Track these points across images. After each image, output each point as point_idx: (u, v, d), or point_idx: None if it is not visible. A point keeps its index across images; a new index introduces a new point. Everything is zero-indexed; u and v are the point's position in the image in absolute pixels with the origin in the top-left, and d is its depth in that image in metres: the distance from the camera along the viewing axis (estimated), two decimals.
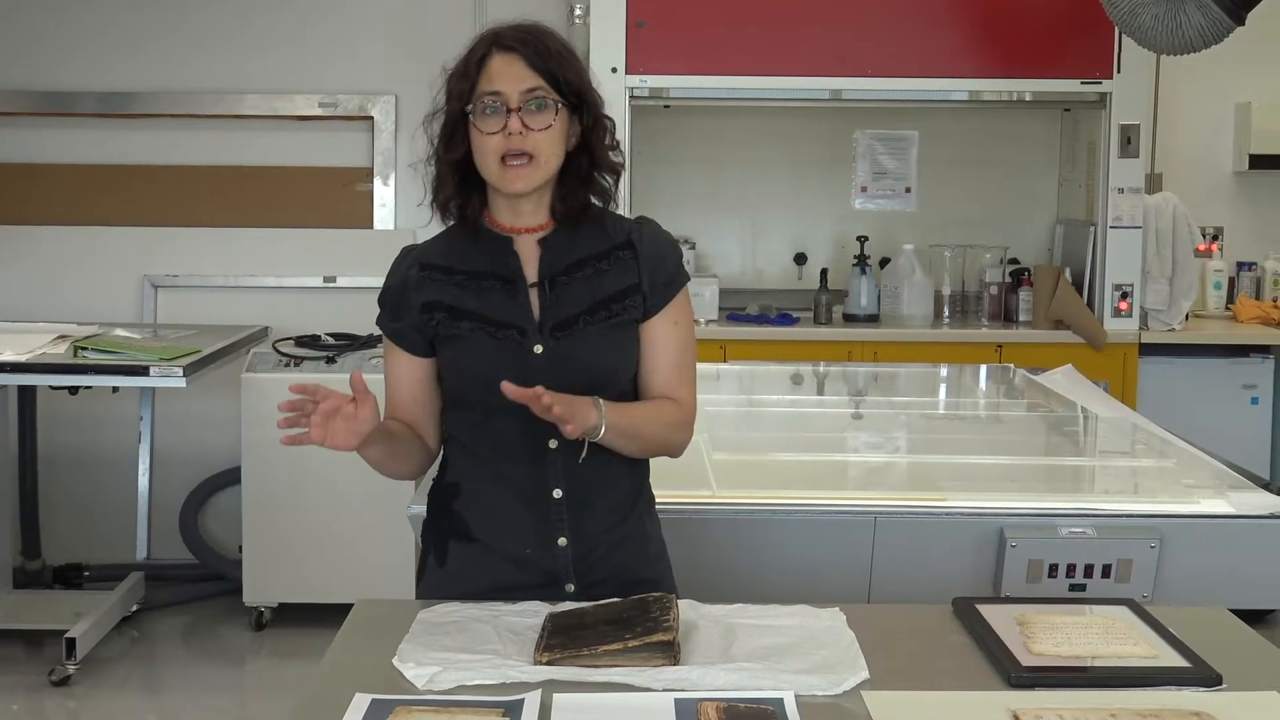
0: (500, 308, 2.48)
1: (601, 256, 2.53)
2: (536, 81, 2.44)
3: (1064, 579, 2.99)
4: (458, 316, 2.49)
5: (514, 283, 2.50)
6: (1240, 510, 3.09)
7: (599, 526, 2.52)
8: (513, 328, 2.47)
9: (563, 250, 2.52)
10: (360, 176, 6.38)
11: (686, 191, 6.41)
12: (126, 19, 6.29)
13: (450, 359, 2.51)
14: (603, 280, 2.51)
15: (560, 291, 2.49)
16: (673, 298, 2.56)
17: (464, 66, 2.48)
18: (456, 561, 2.55)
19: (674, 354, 2.55)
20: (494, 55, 2.46)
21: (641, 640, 2.14)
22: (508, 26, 2.50)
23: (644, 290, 2.52)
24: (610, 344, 2.51)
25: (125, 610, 5.56)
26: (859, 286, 6.10)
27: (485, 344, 2.47)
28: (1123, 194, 5.83)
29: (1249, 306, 6.27)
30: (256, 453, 5.48)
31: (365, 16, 6.33)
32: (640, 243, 2.55)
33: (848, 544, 3.05)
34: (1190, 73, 6.23)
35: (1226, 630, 2.40)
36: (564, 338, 2.47)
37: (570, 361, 2.45)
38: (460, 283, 2.51)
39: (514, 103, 2.42)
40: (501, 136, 2.42)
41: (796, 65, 5.76)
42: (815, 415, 4.54)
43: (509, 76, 2.44)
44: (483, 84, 2.44)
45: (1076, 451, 4.06)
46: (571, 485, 2.49)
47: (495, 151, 2.43)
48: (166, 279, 6.26)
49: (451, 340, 2.50)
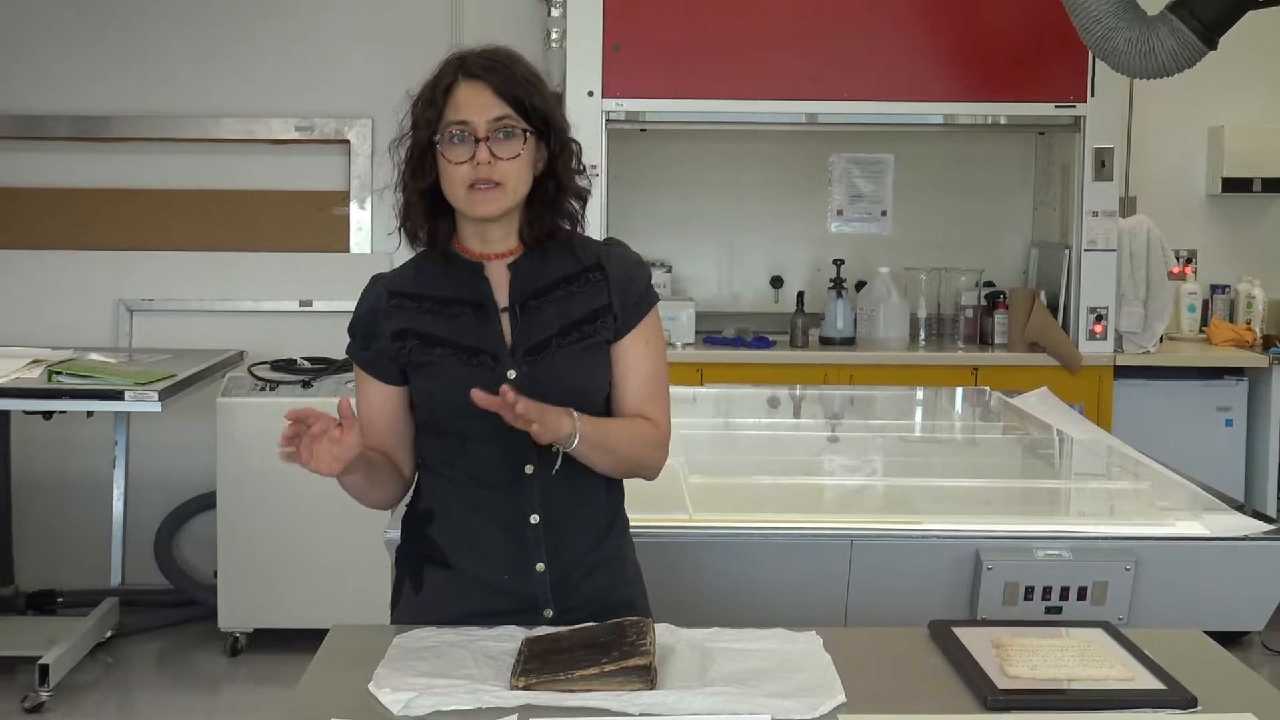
0: (472, 334, 2.48)
1: (571, 279, 2.53)
2: (504, 110, 2.44)
3: (1040, 601, 3.00)
4: (429, 344, 2.48)
5: (485, 308, 2.50)
6: (1215, 533, 3.10)
7: (576, 551, 2.51)
8: (485, 353, 2.47)
9: (532, 274, 2.52)
10: (336, 200, 6.37)
11: (663, 215, 6.42)
12: (101, 42, 6.28)
13: (423, 386, 2.50)
14: (573, 302, 2.52)
15: (531, 315, 2.50)
16: (643, 317, 2.56)
17: (430, 94, 2.47)
18: (432, 588, 2.55)
19: (647, 373, 2.55)
20: (460, 83, 2.45)
21: (618, 664, 2.14)
22: (474, 53, 2.49)
23: (615, 311, 2.52)
24: (583, 366, 2.51)
25: (99, 636, 5.53)
26: (835, 310, 6.12)
27: (458, 370, 2.46)
28: (1097, 217, 5.85)
29: (1223, 329, 6.30)
30: (232, 477, 5.47)
31: (342, 40, 6.34)
32: (609, 264, 2.55)
33: (824, 567, 3.05)
34: (1163, 96, 6.27)
35: (1201, 652, 2.41)
36: (537, 361, 2.47)
37: (545, 385, 2.45)
38: (431, 310, 2.50)
39: (481, 132, 2.42)
40: (470, 166, 2.42)
41: (772, 89, 5.78)
42: (792, 438, 4.54)
43: (476, 105, 2.43)
44: (449, 113, 2.44)
45: (1052, 474, 4.07)
46: (549, 510, 2.48)
47: (463, 180, 2.43)
48: (142, 303, 6.24)
49: (424, 368, 2.49)
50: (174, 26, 6.30)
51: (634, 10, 5.71)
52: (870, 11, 5.78)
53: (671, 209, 6.43)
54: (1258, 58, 5.95)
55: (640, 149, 6.25)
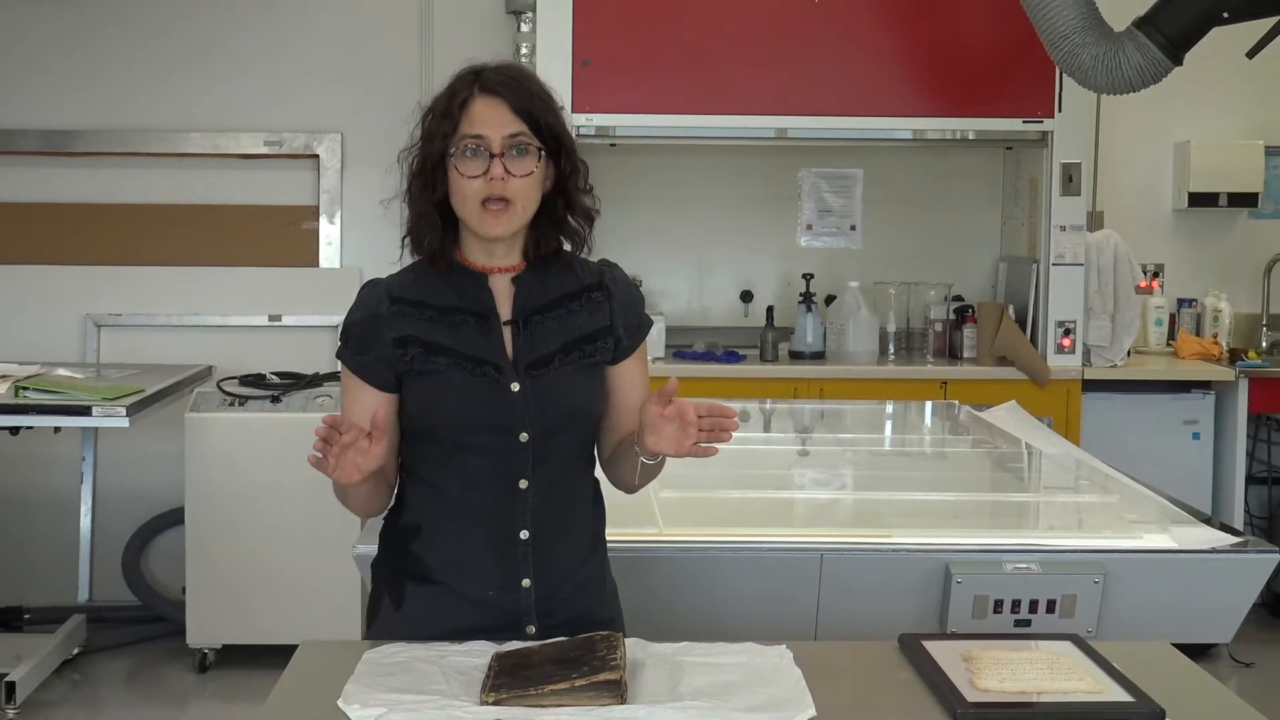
0: (475, 344, 2.47)
1: (573, 297, 2.54)
2: (519, 126, 2.43)
3: (1009, 614, 3.00)
4: (433, 352, 2.46)
5: (488, 319, 2.49)
6: (1183, 545, 3.12)
7: (562, 568, 2.51)
8: (489, 364, 2.46)
9: (536, 289, 2.52)
10: (306, 215, 6.36)
11: (633, 229, 6.42)
12: (69, 57, 6.26)
13: (423, 394, 2.48)
14: (575, 320, 2.53)
15: (534, 330, 2.50)
16: (642, 340, 2.61)
17: (445, 106, 2.46)
18: (415, 603, 2.52)
19: (641, 397, 2.56)
20: (477, 97, 2.44)
21: (588, 679, 2.13)
22: (490, 68, 2.49)
23: (617, 334, 2.55)
24: (584, 384, 2.52)
25: (66, 653, 5.49)
26: (805, 324, 6.13)
27: (461, 380, 2.45)
28: (1065, 231, 5.88)
29: (1190, 343, 6.33)
30: (200, 493, 5.44)
31: (311, 55, 6.33)
32: (613, 285, 2.58)
33: (794, 581, 3.05)
34: (1130, 112, 6.31)
35: (1170, 665, 2.42)
36: (540, 376, 2.47)
37: (546, 400, 2.46)
38: (432, 318, 2.49)
39: (496, 148, 2.42)
40: (483, 181, 2.41)
41: (742, 104, 5.80)
42: (762, 452, 4.54)
43: (492, 120, 2.43)
44: (465, 126, 2.43)
45: (1021, 487, 4.08)
46: (539, 526, 2.48)
47: (475, 195, 2.42)
48: (110, 318, 6.22)
49: (425, 375, 2.47)
50: (142, 41, 6.28)
51: (604, 25, 5.72)
52: (838, 27, 5.80)
53: (641, 223, 6.42)
54: (1223, 74, 5.99)
55: (610, 163, 6.25)
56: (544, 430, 2.45)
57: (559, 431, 2.48)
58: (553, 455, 2.49)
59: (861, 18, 5.82)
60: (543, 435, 2.46)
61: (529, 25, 5.97)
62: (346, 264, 6.28)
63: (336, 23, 6.34)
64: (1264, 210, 6.60)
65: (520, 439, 2.45)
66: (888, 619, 2.87)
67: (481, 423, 2.43)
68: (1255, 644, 5.69)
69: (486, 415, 2.43)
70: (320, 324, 6.03)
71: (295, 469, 5.16)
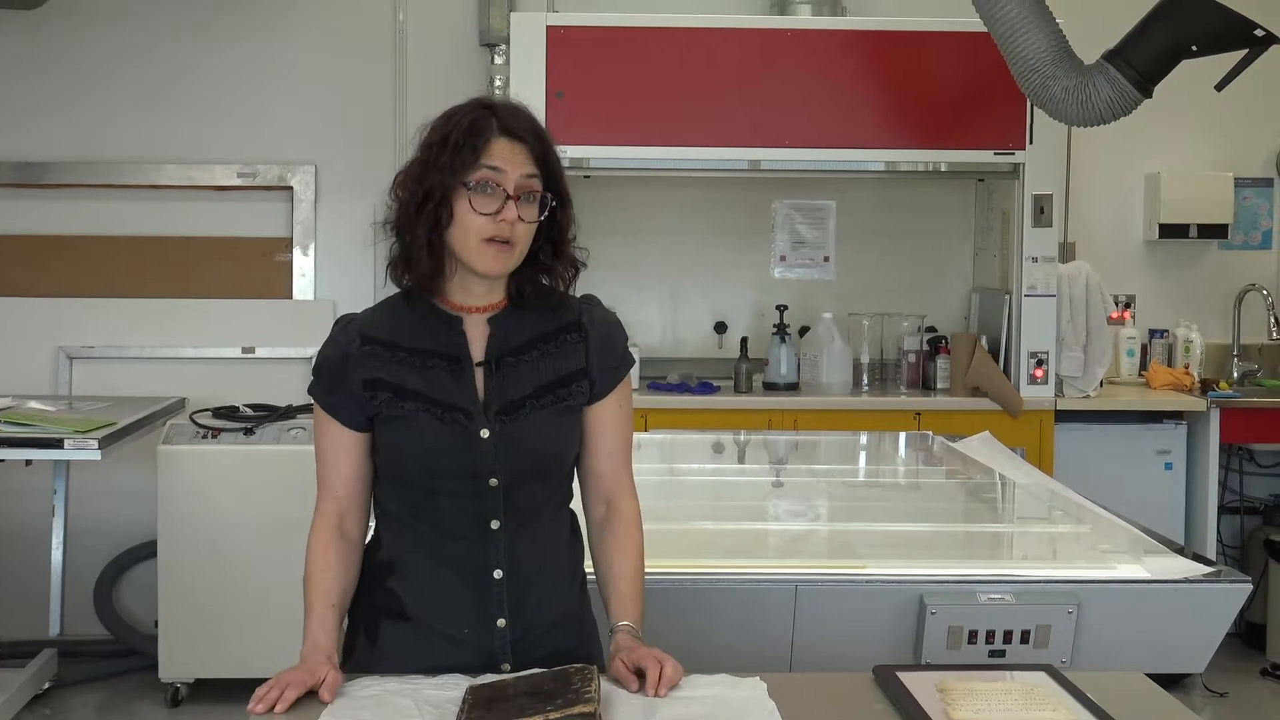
0: (445, 389, 2.45)
1: (549, 338, 2.51)
2: (535, 172, 2.43)
3: (984, 645, 3.00)
4: (402, 396, 2.44)
5: (460, 362, 2.47)
6: (1156, 575, 3.12)
7: (538, 608, 2.49)
8: (459, 410, 2.43)
9: (511, 330, 2.50)
10: (279, 247, 6.35)
11: (607, 261, 6.38)
12: (42, 88, 6.25)
13: (392, 439, 2.47)
14: (549, 363, 2.50)
15: (506, 373, 2.47)
16: (620, 381, 2.57)
17: (461, 140, 2.40)
18: (390, 640, 2.51)
19: (620, 437, 2.56)
20: (499, 138, 2.41)
21: (562, 712, 2.12)
22: (504, 107, 2.46)
23: (591, 376, 2.52)
24: (556, 428, 2.50)
25: (37, 688, 5.46)
26: (779, 355, 6.14)
27: (430, 426, 2.43)
28: (1036, 263, 5.91)
29: (1161, 373, 6.37)
30: (173, 526, 5.41)
31: (284, 86, 6.33)
32: (591, 325, 2.55)
33: (769, 613, 3.05)
34: (1101, 144, 6.35)
35: (1143, 695, 2.42)
36: (510, 421, 2.45)
37: (517, 445, 2.44)
38: (403, 360, 2.46)
39: (513, 190, 2.40)
40: (492, 220, 2.39)
41: (715, 136, 5.82)
42: (736, 484, 4.54)
43: (514, 161, 2.41)
44: (485, 161, 2.40)
45: (995, 518, 4.09)
46: (512, 566, 2.46)
47: (480, 232, 2.40)
48: (82, 350, 6.19)
49: (395, 420, 2.45)
50: (115, 73, 6.28)
51: (577, 58, 5.74)
52: (811, 60, 5.83)
53: (615, 255, 6.43)
54: (1193, 106, 6.03)
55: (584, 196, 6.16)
56: (513, 475, 2.43)
57: (529, 476, 2.46)
58: (524, 498, 2.47)
59: (834, 50, 5.85)
60: (512, 480, 2.44)
61: (502, 58, 5.99)
62: (320, 296, 6.27)
63: (310, 55, 6.34)
64: (1234, 241, 6.65)
65: (490, 484, 2.43)
66: (862, 650, 2.86)
67: (450, 469, 2.41)
68: (1229, 674, 5.71)
69: (456, 462, 2.41)
70: (294, 356, 6.02)
71: (268, 502, 5.22)
